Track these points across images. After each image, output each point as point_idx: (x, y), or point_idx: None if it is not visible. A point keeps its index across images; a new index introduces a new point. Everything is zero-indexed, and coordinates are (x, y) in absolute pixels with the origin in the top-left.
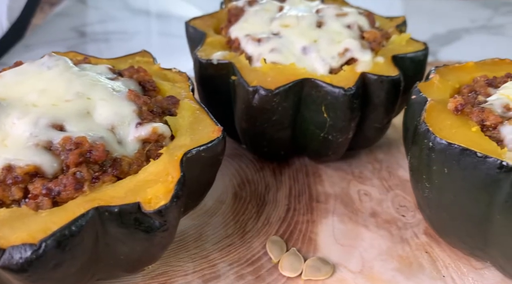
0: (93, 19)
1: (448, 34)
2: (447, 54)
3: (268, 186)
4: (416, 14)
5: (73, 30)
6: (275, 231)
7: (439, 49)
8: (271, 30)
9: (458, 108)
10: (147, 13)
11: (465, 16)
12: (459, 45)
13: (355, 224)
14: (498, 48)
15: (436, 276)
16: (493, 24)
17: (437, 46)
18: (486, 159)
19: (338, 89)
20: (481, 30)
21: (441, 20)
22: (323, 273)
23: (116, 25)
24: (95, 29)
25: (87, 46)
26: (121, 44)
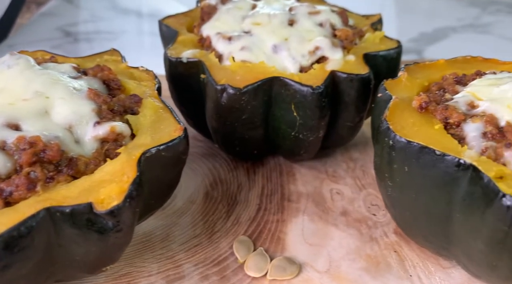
0: (79, 19)
1: (435, 32)
2: (433, 52)
3: (241, 186)
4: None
5: (58, 29)
6: (244, 231)
7: (425, 47)
8: (242, 28)
9: (422, 106)
10: (134, 13)
11: (452, 14)
12: (446, 44)
13: (325, 223)
14: (484, 46)
15: (403, 275)
16: (480, 23)
17: (423, 45)
18: (444, 157)
19: (306, 87)
20: (468, 29)
21: (429, 19)
22: (288, 273)
23: (102, 24)
24: (80, 29)
25: (71, 46)
26: (107, 43)
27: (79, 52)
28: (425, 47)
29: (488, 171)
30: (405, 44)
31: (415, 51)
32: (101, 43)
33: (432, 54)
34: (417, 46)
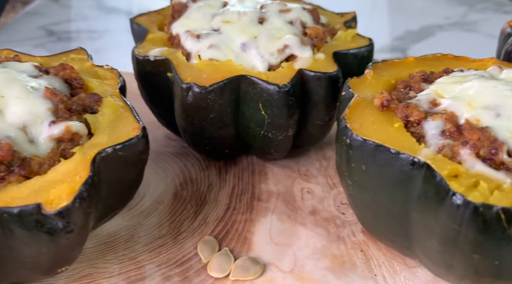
0: (63, 18)
1: (421, 31)
2: (418, 51)
3: (211, 185)
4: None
5: (41, 29)
6: (210, 231)
7: (410, 45)
8: (212, 26)
9: (384, 104)
10: (120, 11)
11: (440, 12)
12: (431, 42)
13: (293, 223)
14: (470, 44)
15: (368, 275)
16: (466, 21)
17: (409, 43)
18: (399, 155)
19: (273, 86)
20: (454, 27)
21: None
22: (251, 273)
23: (86, 24)
24: (64, 28)
25: (54, 45)
26: (90, 42)
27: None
28: (410, 45)
29: (441, 169)
30: (391, 43)
31: (400, 50)
32: (84, 42)
33: (417, 52)
34: (402, 44)
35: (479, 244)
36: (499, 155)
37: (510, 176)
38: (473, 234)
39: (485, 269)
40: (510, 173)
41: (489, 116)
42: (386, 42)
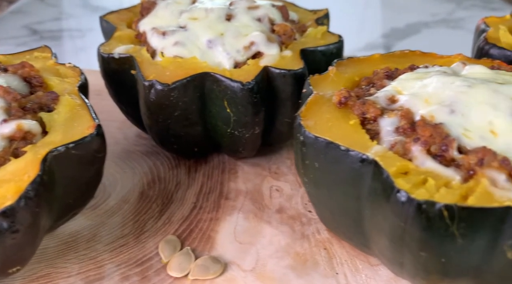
0: (48, 17)
1: (407, 28)
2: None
3: (179, 184)
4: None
5: (25, 27)
6: (174, 230)
7: (394, 43)
8: (178, 23)
9: (342, 101)
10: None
11: (427, 9)
12: (416, 39)
13: (259, 221)
14: (456, 41)
15: (329, 273)
16: (453, 18)
17: (393, 40)
18: (349, 152)
19: (236, 83)
20: (441, 24)
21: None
22: (211, 273)
23: (70, 22)
24: (48, 27)
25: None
26: (72, 41)
27: None
28: (395, 42)
29: (389, 166)
30: (375, 40)
31: (384, 47)
32: (66, 41)
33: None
34: (387, 41)
35: (424, 241)
36: (450, 152)
37: (459, 173)
38: (418, 232)
39: (433, 266)
40: (459, 170)
41: (444, 112)
42: (371, 39)
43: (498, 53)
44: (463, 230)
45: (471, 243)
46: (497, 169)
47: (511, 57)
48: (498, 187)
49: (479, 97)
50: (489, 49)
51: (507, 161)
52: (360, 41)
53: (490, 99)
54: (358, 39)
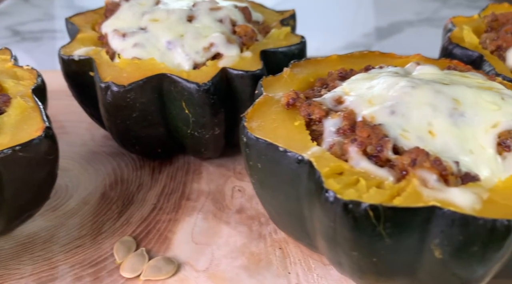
0: (31, 18)
1: (390, 27)
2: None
3: (142, 185)
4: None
5: (7, 28)
6: (131, 231)
7: (375, 42)
8: (139, 25)
9: (290, 102)
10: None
11: (412, 8)
12: (398, 38)
13: (217, 221)
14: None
15: (282, 273)
16: (438, 17)
17: (375, 40)
18: (286, 153)
19: (192, 84)
20: (425, 23)
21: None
22: (163, 273)
23: (53, 23)
24: (30, 28)
25: (17, 45)
26: (54, 42)
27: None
28: (377, 42)
29: (322, 167)
30: (357, 39)
31: (364, 46)
32: (48, 42)
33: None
34: (369, 41)
35: (354, 241)
36: (384, 152)
37: (393, 173)
38: (347, 231)
39: (366, 266)
40: (393, 171)
41: (384, 113)
42: (352, 39)
43: (461, 52)
44: (390, 230)
45: (399, 242)
46: (428, 169)
47: (473, 56)
48: (428, 187)
49: (421, 98)
50: (452, 49)
51: (439, 162)
52: (341, 41)
53: (432, 100)
54: (339, 38)
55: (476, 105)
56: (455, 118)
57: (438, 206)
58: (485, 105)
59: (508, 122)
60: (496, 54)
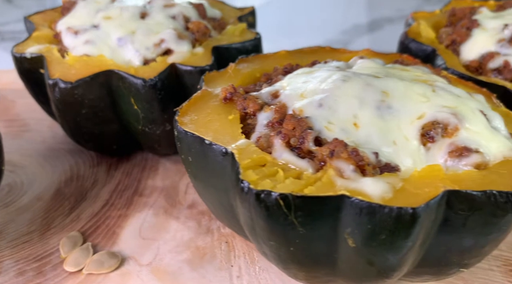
0: (12, 18)
1: (370, 24)
2: (360, 44)
3: (97, 182)
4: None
5: None
6: (80, 226)
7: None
8: (93, 23)
9: (227, 96)
10: None
11: (394, 5)
12: (377, 35)
13: (167, 217)
14: None
15: (225, 266)
16: None
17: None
18: (212, 146)
19: (139, 80)
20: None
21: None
22: (106, 267)
23: None
24: (10, 28)
25: None
26: None
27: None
28: (355, 39)
29: (244, 159)
30: (335, 37)
31: (342, 44)
32: None
33: (358, 46)
34: (347, 38)
35: (269, 230)
36: (306, 144)
37: (312, 164)
38: (261, 221)
39: (285, 255)
40: (313, 162)
41: (313, 106)
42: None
43: (416, 47)
44: (302, 219)
45: (313, 231)
46: (345, 160)
47: (427, 51)
48: (344, 178)
49: (350, 91)
50: (408, 43)
51: (356, 152)
52: (319, 38)
53: (360, 92)
54: (317, 35)
55: (405, 97)
56: (381, 110)
57: (347, 195)
58: (415, 97)
59: (432, 113)
60: (451, 48)
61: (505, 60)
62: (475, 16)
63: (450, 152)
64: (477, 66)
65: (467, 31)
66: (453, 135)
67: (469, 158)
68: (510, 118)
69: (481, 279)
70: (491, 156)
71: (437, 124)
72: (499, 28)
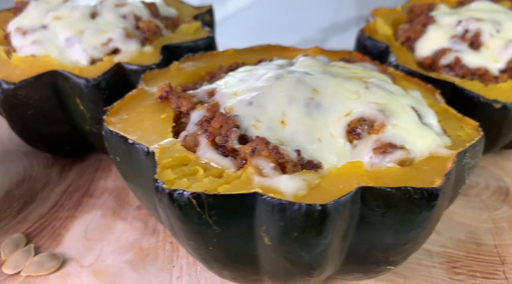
0: None
1: (348, 22)
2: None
3: (48, 183)
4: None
5: None
6: (26, 228)
7: (329, 38)
8: (42, 23)
9: (163, 95)
10: None
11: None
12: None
13: (115, 218)
14: None
15: (166, 266)
16: None
17: (330, 35)
18: (135, 145)
19: (82, 79)
20: None
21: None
22: (46, 269)
23: None
24: None
25: None
26: None
27: None
28: (331, 37)
29: (165, 158)
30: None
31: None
32: None
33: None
34: (323, 36)
35: (186, 230)
36: (229, 143)
37: (235, 163)
38: (177, 221)
39: (206, 255)
40: (235, 160)
41: (242, 104)
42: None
43: (371, 44)
44: (216, 217)
45: (229, 230)
46: (265, 157)
47: (381, 48)
48: (263, 175)
49: (281, 89)
50: (364, 41)
51: (277, 150)
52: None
53: (291, 90)
54: (294, 34)
55: (336, 95)
56: (310, 108)
57: (260, 193)
58: (345, 94)
59: (359, 110)
60: (406, 45)
61: (456, 56)
62: (432, 12)
63: (374, 149)
64: (430, 62)
65: (422, 27)
66: (379, 132)
67: (393, 155)
68: (448, 114)
69: (423, 276)
70: (417, 152)
71: (363, 121)
72: (454, 24)
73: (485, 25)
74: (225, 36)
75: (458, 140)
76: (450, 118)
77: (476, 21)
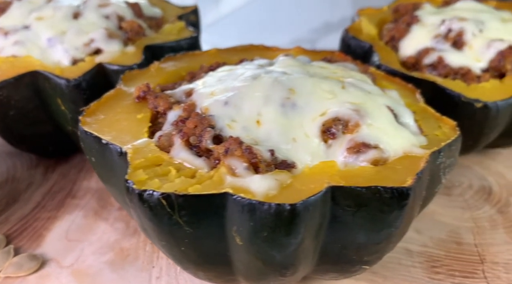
0: None
1: (340, 22)
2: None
3: (32, 184)
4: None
5: None
6: (7, 229)
7: (321, 38)
8: (24, 23)
9: (140, 95)
10: None
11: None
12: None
13: (96, 219)
14: None
15: (146, 267)
16: None
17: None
18: (109, 145)
19: (62, 80)
20: None
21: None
22: (24, 270)
23: None
24: None
25: None
26: None
27: None
28: (323, 37)
29: (137, 158)
30: (303, 35)
31: (309, 42)
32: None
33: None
34: (314, 36)
35: (157, 231)
36: (203, 143)
37: (208, 163)
38: (148, 221)
39: (179, 255)
40: (209, 160)
41: (218, 104)
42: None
43: (355, 44)
44: (187, 218)
45: (200, 230)
46: (238, 157)
47: (365, 47)
48: (235, 175)
49: (257, 89)
50: (348, 40)
51: (250, 150)
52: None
53: (266, 90)
54: (288, 34)
55: (312, 94)
56: (286, 107)
57: (230, 193)
58: (321, 94)
59: (334, 110)
60: (390, 44)
61: (439, 56)
62: (417, 12)
63: (348, 148)
64: (413, 62)
65: (406, 27)
66: (354, 132)
67: (366, 154)
68: (427, 113)
69: (402, 275)
70: (391, 152)
71: (338, 121)
72: (438, 23)
73: (468, 25)
74: (218, 37)
75: (435, 140)
76: (428, 118)
77: (459, 21)
